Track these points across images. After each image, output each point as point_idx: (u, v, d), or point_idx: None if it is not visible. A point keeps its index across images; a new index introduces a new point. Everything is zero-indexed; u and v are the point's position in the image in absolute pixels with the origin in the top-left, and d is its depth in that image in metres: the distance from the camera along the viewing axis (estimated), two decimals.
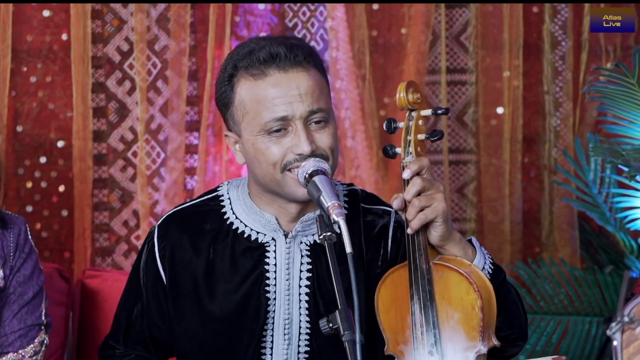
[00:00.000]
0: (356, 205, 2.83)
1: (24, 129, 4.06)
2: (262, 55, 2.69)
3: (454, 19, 4.34)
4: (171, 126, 4.12)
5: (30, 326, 2.94)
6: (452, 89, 4.36)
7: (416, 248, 2.65)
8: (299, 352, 2.80)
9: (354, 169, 4.20)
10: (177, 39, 4.11)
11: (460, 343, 2.61)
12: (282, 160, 2.68)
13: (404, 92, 2.67)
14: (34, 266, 2.98)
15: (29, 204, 4.07)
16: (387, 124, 2.70)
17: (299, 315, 2.79)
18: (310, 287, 2.79)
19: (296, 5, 4.23)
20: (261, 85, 2.69)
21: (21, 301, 2.94)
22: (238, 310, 2.79)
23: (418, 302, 2.63)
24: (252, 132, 2.71)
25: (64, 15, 4.05)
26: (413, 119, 2.69)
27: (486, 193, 4.35)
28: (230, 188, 2.88)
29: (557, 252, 4.38)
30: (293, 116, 2.67)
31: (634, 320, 2.17)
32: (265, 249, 2.79)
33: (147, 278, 2.87)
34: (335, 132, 2.73)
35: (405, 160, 2.68)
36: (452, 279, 2.63)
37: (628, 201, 4.11)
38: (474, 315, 2.61)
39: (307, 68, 2.70)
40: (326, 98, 2.73)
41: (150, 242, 2.88)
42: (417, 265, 2.64)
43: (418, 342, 2.63)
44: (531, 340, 4.26)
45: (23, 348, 2.92)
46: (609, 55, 4.40)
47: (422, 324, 2.63)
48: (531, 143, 4.40)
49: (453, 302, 2.62)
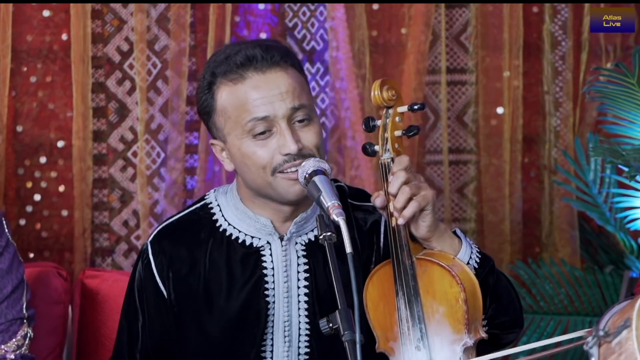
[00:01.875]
0: (344, 202, 2.82)
1: (24, 129, 4.06)
2: (238, 60, 2.69)
3: (454, 19, 4.34)
4: (171, 126, 4.12)
5: (11, 320, 2.89)
6: (452, 89, 4.36)
7: (398, 243, 2.65)
8: (299, 353, 2.79)
9: (354, 169, 4.20)
10: (177, 39, 4.11)
11: (447, 337, 2.62)
12: (270, 163, 2.68)
13: (378, 90, 2.68)
14: (11, 259, 2.93)
15: (29, 204, 4.07)
16: (365, 122, 2.72)
17: (298, 317, 2.79)
18: (309, 287, 2.79)
19: (296, 5, 4.22)
20: (241, 89, 2.68)
21: (0, 296, 2.89)
22: (239, 317, 2.79)
23: (403, 297, 2.64)
24: (236, 136, 2.70)
25: (64, 15, 4.05)
26: (390, 116, 2.71)
27: (486, 193, 4.35)
28: (218, 195, 2.87)
29: (557, 252, 4.38)
30: (275, 116, 2.66)
31: (609, 333, 2.17)
32: (261, 253, 2.79)
33: (145, 296, 2.85)
34: (320, 130, 2.73)
35: (383, 158, 2.69)
36: (435, 272, 2.64)
37: (628, 201, 4.11)
38: (458, 308, 2.61)
39: (285, 67, 2.70)
40: (307, 95, 2.74)
41: (145, 259, 2.85)
42: (400, 260, 2.65)
43: (405, 338, 2.63)
44: (531, 340, 4.26)
45: (5, 343, 2.88)
46: (609, 55, 4.40)
47: (408, 319, 2.63)
48: (531, 143, 4.41)
49: (437, 296, 2.63)
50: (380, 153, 2.71)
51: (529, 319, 4.26)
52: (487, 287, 2.69)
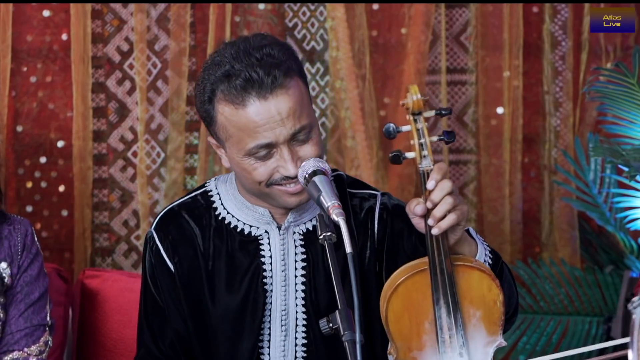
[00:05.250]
0: (342, 191, 2.83)
1: (24, 129, 4.06)
2: (239, 83, 2.63)
3: (454, 19, 4.35)
4: (171, 126, 4.12)
5: (36, 326, 2.96)
6: (452, 89, 4.36)
7: (440, 251, 2.61)
8: (296, 344, 2.80)
9: (354, 169, 4.20)
10: (177, 39, 4.11)
11: (481, 340, 2.63)
12: (268, 179, 2.68)
13: (417, 94, 2.63)
14: (40, 268, 3.01)
15: (29, 204, 4.07)
16: (387, 129, 2.64)
17: (295, 306, 2.80)
18: (306, 276, 2.80)
19: (296, 5, 4.23)
20: (242, 114, 2.65)
21: (28, 301, 2.96)
22: (239, 305, 2.80)
23: (445, 305, 2.61)
24: (237, 154, 2.69)
25: (64, 15, 4.06)
26: (421, 121, 2.65)
27: (486, 193, 4.35)
28: (219, 183, 2.88)
29: (557, 252, 4.38)
30: (277, 142, 2.65)
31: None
32: (259, 242, 2.80)
33: (160, 284, 2.85)
34: (320, 140, 2.71)
35: (422, 166, 2.63)
36: (473, 277, 2.63)
37: (628, 201, 4.11)
38: (496, 310, 2.62)
39: (287, 87, 2.65)
40: (308, 109, 2.70)
41: (153, 246, 2.86)
42: (443, 268, 2.62)
43: (446, 346, 2.61)
44: (531, 340, 4.26)
45: (28, 347, 2.94)
46: (609, 55, 4.40)
47: (451, 327, 2.61)
48: (531, 143, 4.41)
49: (475, 301, 2.63)
50: (417, 160, 2.64)
51: (529, 319, 4.26)
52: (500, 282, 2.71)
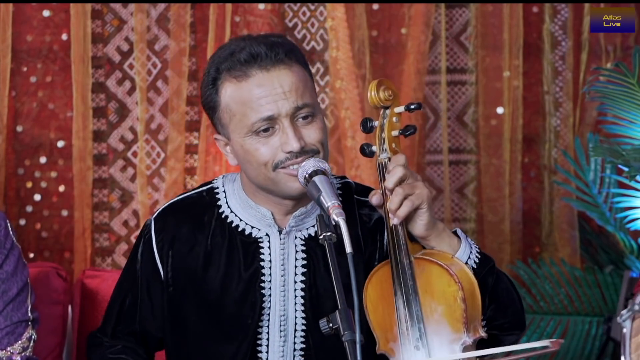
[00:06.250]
0: (350, 198, 2.84)
1: (24, 129, 4.06)
2: (242, 57, 2.69)
3: (454, 19, 4.35)
4: (171, 126, 4.12)
5: (16, 323, 2.90)
6: (452, 89, 4.36)
7: (397, 242, 2.66)
8: (295, 349, 2.80)
9: (354, 169, 4.20)
10: (177, 39, 4.11)
11: (446, 336, 2.63)
12: (272, 159, 2.69)
13: (374, 90, 2.71)
14: (16, 262, 2.93)
15: (29, 204, 4.07)
16: (363, 123, 2.75)
17: (294, 312, 2.80)
18: (306, 282, 2.79)
19: (296, 5, 4.23)
20: (245, 87, 2.69)
21: (6, 298, 2.89)
22: (234, 306, 2.80)
23: (401, 297, 2.65)
24: (240, 134, 2.71)
25: (64, 15, 4.06)
26: (387, 116, 2.74)
27: (486, 193, 4.35)
28: (226, 182, 2.89)
29: (557, 252, 4.38)
30: (279, 114, 2.67)
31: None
32: (259, 244, 2.80)
33: (143, 271, 2.87)
34: (324, 126, 2.74)
35: (380, 157, 2.72)
36: (433, 271, 2.65)
37: (628, 201, 4.11)
38: (457, 306, 2.62)
39: (289, 65, 2.71)
40: (311, 92, 2.74)
41: (147, 235, 2.88)
42: (399, 259, 2.66)
43: (404, 338, 2.64)
44: (531, 340, 4.26)
45: (11, 345, 2.89)
46: (609, 55, 4.40)
47: (407, 319, 2.64)
48: (531, 143, 4.41)
49: (436, 295, 2.64)
50: (377, 153, 2.73)
51: (529, 319, 4.26)
52: (486, 287, 2.70)
